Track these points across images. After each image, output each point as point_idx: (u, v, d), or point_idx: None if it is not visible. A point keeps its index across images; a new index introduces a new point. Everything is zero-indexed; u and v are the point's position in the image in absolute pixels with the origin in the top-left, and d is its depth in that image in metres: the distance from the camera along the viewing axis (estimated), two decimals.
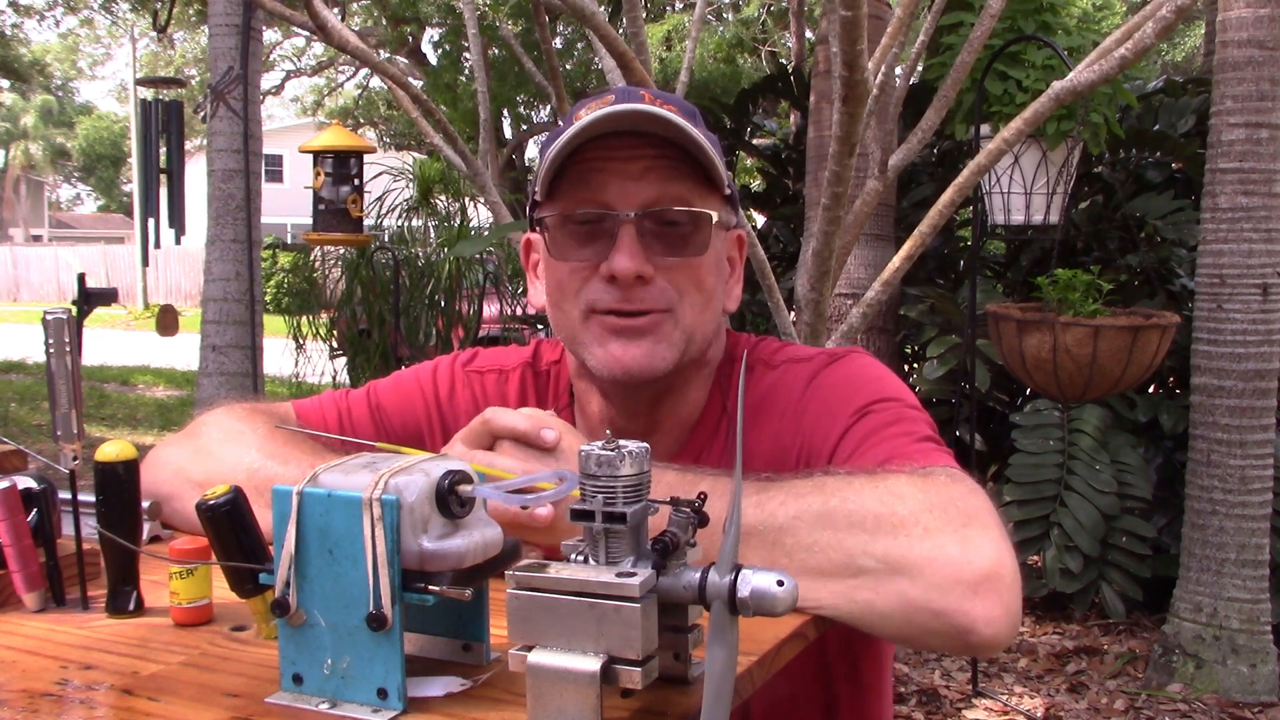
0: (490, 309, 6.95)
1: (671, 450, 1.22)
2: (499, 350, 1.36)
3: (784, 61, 14.54)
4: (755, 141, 6.67)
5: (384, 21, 17.51)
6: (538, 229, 1.19)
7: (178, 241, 5.60)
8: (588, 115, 1.10)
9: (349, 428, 1.31)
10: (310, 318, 7.26)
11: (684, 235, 1.13)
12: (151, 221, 5.49)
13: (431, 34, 18.83)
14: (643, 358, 1.12)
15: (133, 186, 32.01)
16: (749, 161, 9.06)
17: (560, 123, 1.20)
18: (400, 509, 0.73)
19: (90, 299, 4.58)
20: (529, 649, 0.72)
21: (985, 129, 4.14)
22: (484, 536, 0.78)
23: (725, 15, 18.33)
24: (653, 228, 1.11)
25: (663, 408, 1.20)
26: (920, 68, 4.96)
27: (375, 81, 21.58)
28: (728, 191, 1.16)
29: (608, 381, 1.16)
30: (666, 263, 1.12)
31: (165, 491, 1.18)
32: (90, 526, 0.92)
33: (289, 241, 23.18)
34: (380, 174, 6.79)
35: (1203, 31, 8.11)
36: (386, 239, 7.04)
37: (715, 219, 1.14)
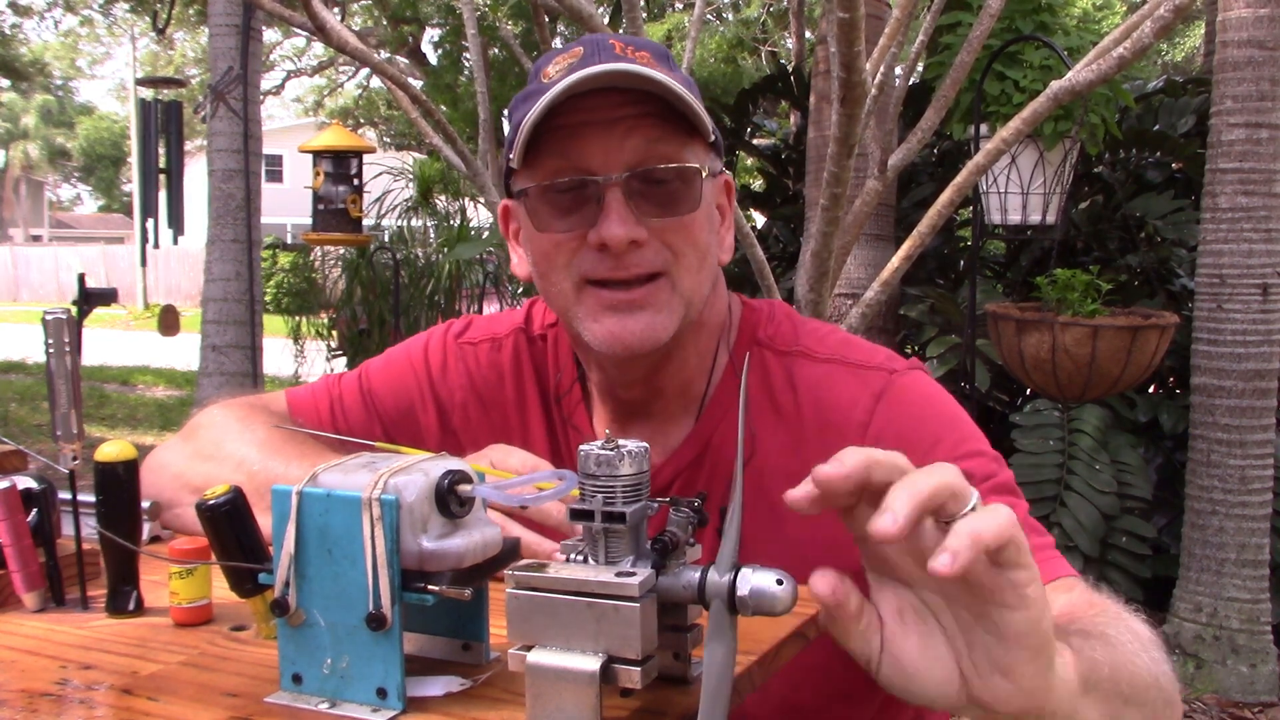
0: (490, 309, 6.96)
1: (676, 420, 1.18)
2: (492, 317, 1.32)
3: (784, 61, 14.55)
4: (755, 141, 6.68)
5: (384, 21, 17.52)
6: (516, 198, 1.13)
7: (175, 241, 5.61)
8: (557, 74, 1.05)
9: (340, 414, 1.29)
10: (310, 318, 7.27)
11: (674, 193, 1.06)
12: (150, 221, 5.50)
13: (431, 34, 18.84)
14: (642, 331, 1.07)
15: (133, 186, 32.01)
16: (749, 161, 9.06)
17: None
18: (399, 509, 0.73)
19: (90, 299, 4.59)
20: (528, 648, 0.72)
21: (984, 129, 4.14)
22: (483, 536, 0.78)
23: (725, 15, 18.34)
24: (640, 188, 1.05)
25: (661, 374, 1.15)
26: (919, 68, 4.96)
27: (375, 82, 21.59)
28: (711, 138, 1.09)
29: (605, 355, 1.12)
30: (658, 224, 1.06)
31: (166, 498, 1.17)
32: (90, 526, 0.92)
33: (289, 241, 23.18)
34: (380, 174, 6.80)
35: (1203, 31, 8.11)
36: (386, 239, 7.05)
37: (705, 172, 1.08)
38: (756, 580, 0.70)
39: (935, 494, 0.66)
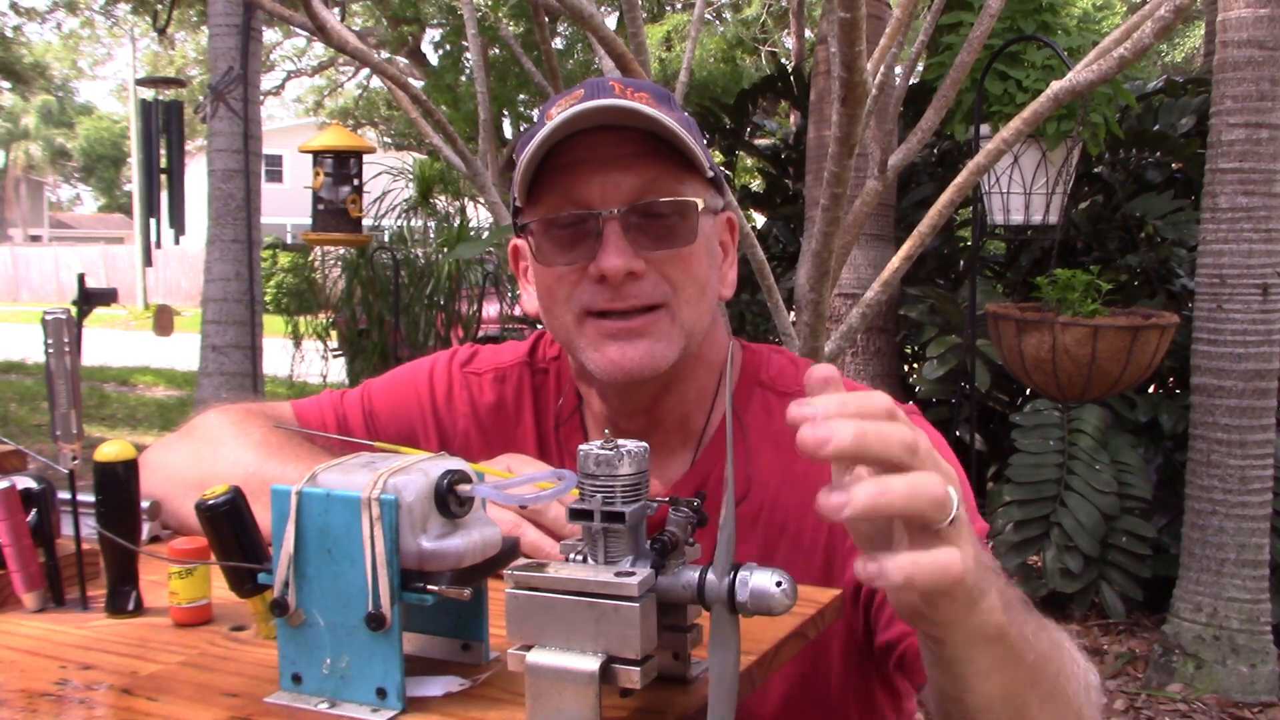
0: (490, 309, 6.95)
1: (675, 454, 1.20)
2: (496, 348, 1.34)
3: (784, 61, 14.54)
4: (755, 141, 6.68)
5: (384, 22, 17.51)
6: (523, 235, 1.16)
7: (177, 241, 5.61)
8: (558, 114, 1.07)
9: (344, 433, 1.30)
10: (309, 318, 7.27)
11: (671, 226, 1.10)
12: (153, 221, 5.50)
13: (432, 34, 18.83)
14: (641, 359, 1.10)
15: (133, 186, 32.03)
16: (749, 161, 9.06)
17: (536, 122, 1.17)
18: (399, 508, 0.73)
19: (90, 299, 4.59)
20: (528, 648, 0.72)
21: (985, 129, 4.14)
22: (483, 536, 0.78)
23: (725, 15, 18.33)
24: (638, 222, 1.09)
25: (661, 405, 1.18)
26: (920, 67, 4.96)
27: (375, 82, 21.58)
28: (710, 174, 1.13)
29: (606, 384, 1.15)
30: (656, 256, 1.09)
31: (159, 495, 1.17)
32: (90, 526, 0.92)
33: (289, 241, 23.17)
34: (380, 174, 6.79)
35: (1203, 32, 8.11)
36: (386, 239, 7.04)
37: (701, 205, 1.11)
38: (756, 581, 0.70)
39: (907, 506, 0.65)
